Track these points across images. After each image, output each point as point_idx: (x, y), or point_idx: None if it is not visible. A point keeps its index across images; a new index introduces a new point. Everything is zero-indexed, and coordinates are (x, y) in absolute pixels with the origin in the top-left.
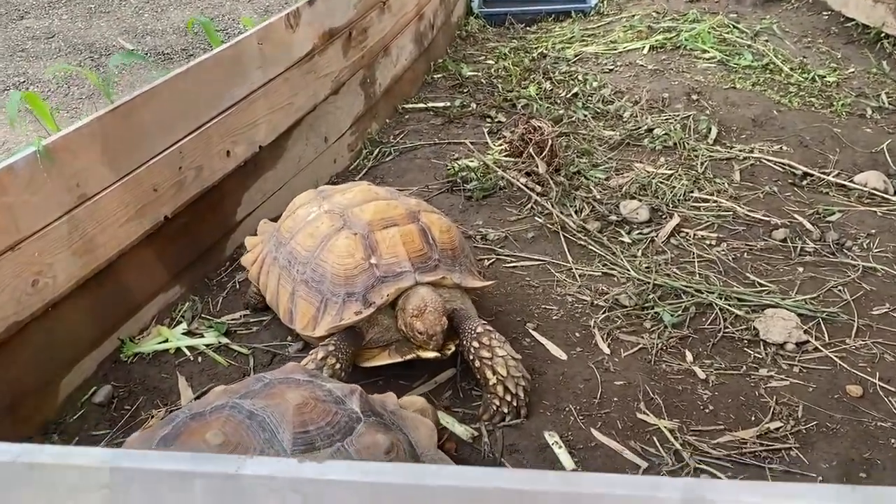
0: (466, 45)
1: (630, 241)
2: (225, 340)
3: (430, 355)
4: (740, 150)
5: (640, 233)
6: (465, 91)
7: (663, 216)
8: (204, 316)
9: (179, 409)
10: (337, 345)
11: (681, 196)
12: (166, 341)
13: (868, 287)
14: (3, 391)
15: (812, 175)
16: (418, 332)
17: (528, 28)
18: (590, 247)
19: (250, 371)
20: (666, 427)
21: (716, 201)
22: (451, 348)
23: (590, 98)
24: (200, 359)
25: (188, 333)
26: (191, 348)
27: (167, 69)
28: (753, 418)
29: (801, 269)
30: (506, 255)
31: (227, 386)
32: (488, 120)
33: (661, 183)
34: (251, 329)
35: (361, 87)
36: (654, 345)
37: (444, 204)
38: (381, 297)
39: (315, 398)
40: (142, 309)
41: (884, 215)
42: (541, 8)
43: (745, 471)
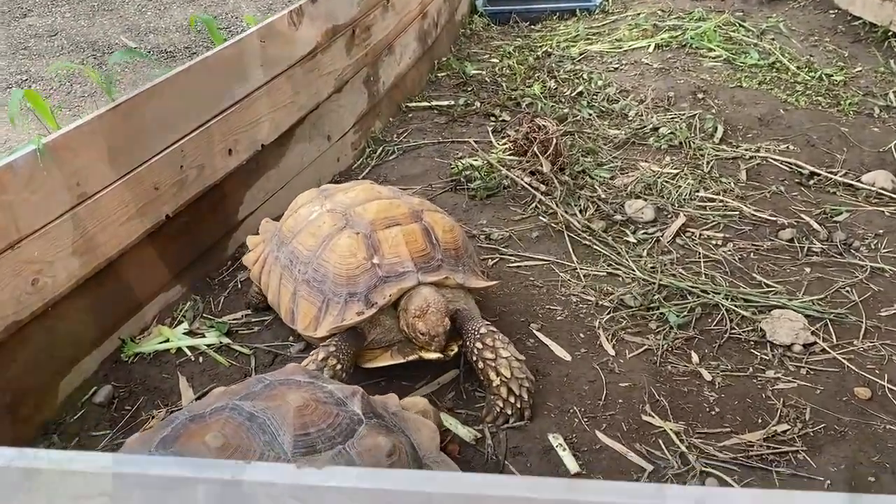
0: (470, 44)
1: (635, 240)
2: (226, 340)
3: (432, 356)
4: (746, 150)
5: (645, 232)
6: (469, 89)
7: (669, 216)
8: (205, 316)
9: (179, 411)
10: (338, 345)
11: (686, 195)
12: (167, 341)
13: (876, 288)
14: (3, 391)
15: (819, 174)
16: (420, 333)
17: (532, 26)
18: (594, 246)
19: (252, 371)
20: (672, 429)
21: (722, 201)
22: (454, 349)
23: (595, 97)
24: (201, 359)
25: (189, 333)
26: (192, 348)
27: (169, 67)
28: (760, 421)
29: (808, 270)
30: (510, 255)
31: (227, 387)
32: (492, 118)
33: (666, 182)
34: (253, 329)
35: (365, 86)
36: (659, 346)
37: (448, 203)
38: (383, 298)
39: (316, 400)
40: (143, 308)
41: (892, 215)
42: (545, 6)
43: (751, 474)
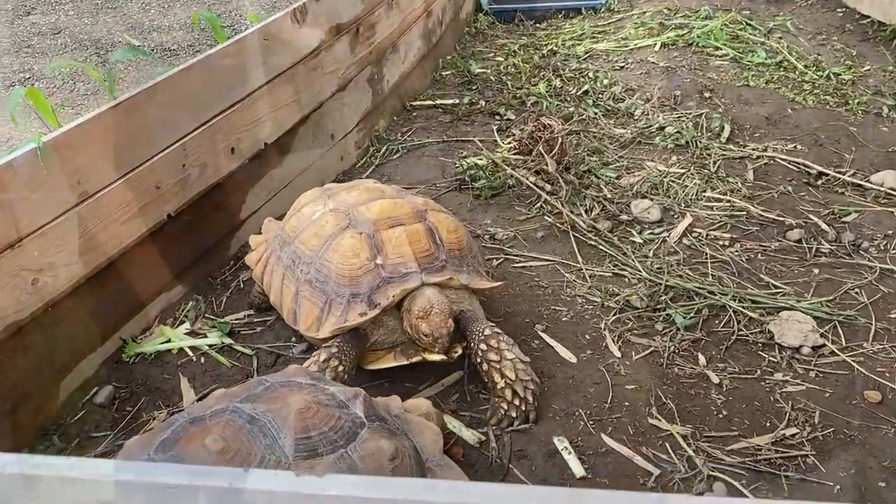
0: (475, 42)
1: (641, 241)
2: (228, 341)
3: (436, 358)
4: (754, 149)
5: (651, 233)
6: (474, 88)
7: (675, 216)
8: (207, 316)
9: (179, 413)
10: (340, 346)
11: (693, 195)
12: (169, 341)
13: (886, 289)
14: (3, 392)
15: (827, 174)
16: (424, 335)
17: (537, 25)
18: (600, 247)
19: (253, 372)
20: (678, 433)
21: (729, 201)
22: (458, 351)
23: (600, 96)
24: (203, 359)
25: (191, 333)
26: (194, 349)
27: (172, 65)
28: (768, 424)
29: (816, 271)
30: (514, 255)
31: (227, 389)
32: (497, 117)
33: (672, 182)
34: (255, 329)
35: (369, 84)
36: (666, 348)
37: (452, 202)
38: (386, 299)
39: (317, 402)
40: (144, 308)
41: None
42: (551, 4)
43: (759, 478)
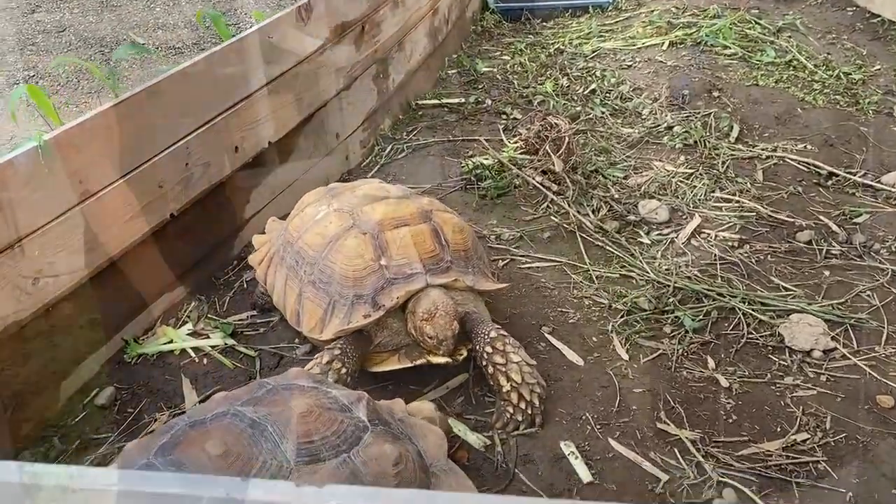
0: (481, 41)
1: (649, 242)
2: (231, 342)
3: (440, 360)
4: (763, 149)
5: (659, 233)
6: (480, 87)
7: (683, 216)
8: (210, 316)
9: (179, 417)
10: (343, 349)
11: (702, 196)
12: (171, 342)
13: None
14: (3, 393)
15: (838, 175)
16: (428, 337)
17: (544, 23)
18: (607, 248)
19: (256, 374)
20: (687, 437)
21: (738, 201)
22: (464, 353)
23: (608, 95)
24: (206, 360)
25: (194, 334)
26: (196, 350)
27: (176, 63)
28: (779, 429)
29: (827, 273)
30: (520, 256)
31: (228, 392)
32: (503, 117)
33: (681, 182)
34: (258, 330)
35: (374, 83)
36: (674, 351)
37: (458, 203)
38: (390, 300)
39: (320, 406)
40: (146, 309)
41: None
42: (557, 3)
43: (770, 485)
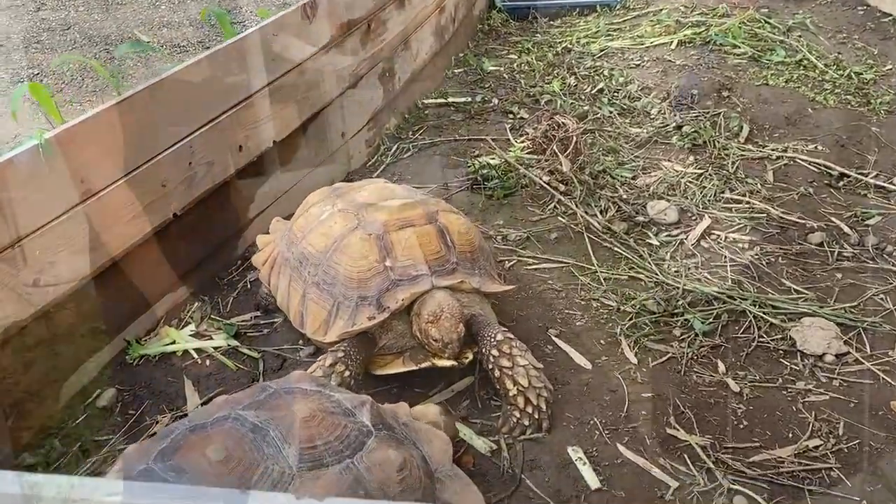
0: (488, 40)
1: (658, 243)
2: (234, 343)
3: (446, 364)
4: (773, 150)
5: (668, 235)
6: (487, 86)
7: (693, 217)
8: (213, 317)
9: (179, 421)
10: (347, 351)
11: (711, 197)
12: (174, 343)
13: None
14: (3, 394)
15: (849, 176)
16: (433, 340)
17: (551, 22)
18: (615, 249)
19: (259, 376)
20: (697, 443)
21: (748, 202)
22: (469, 356)
23: (616, 94)
24: (209, 362)
25: (196, 335)
26: (199, 351)
27: (181, 61)
28: (791, 435)
29: (839, 276)
30: (527, 257)
31: (229, 395)
32: (510, 116)
33: (690, 182)
34: (262, 331)
35: (380, 82)
36: (683, 354)
37: (464, 203)
38: (395, 302)
39: (323, 410)
40: (149, 309)
41: None
42: (565, 1)
43: (782, 492)
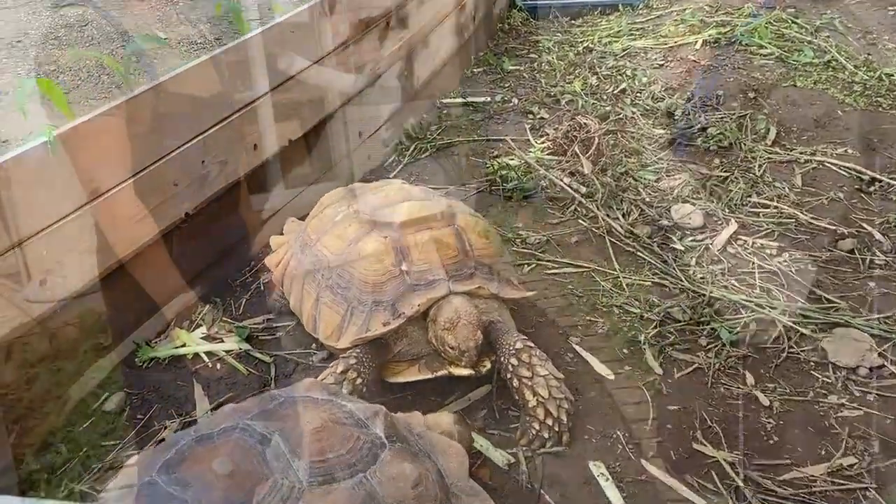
0: (508, 39)
1: (683, 248)
2: (246, 346)
3: (462, 372)
4: (801, 153)
5: (693, 239)
6: (507, 86)
7: (719, 222)
8: (225, 319)
9: (184, 430)
10: (360, 358)
11: (738, 201)
12: (184, 346)
13: None
14: (9, 397)
15: (881, 181)
16: (450, 347)
17: (572, 21)
18: (639, 253)
19: (271, 380)
20: (726, 460)
21: (776, 207)
22: (487, 365)
23: (639, 94)
24: (219, 365)
25: (207, 338)
26: (209, 354)
27: (196, 57)
28: (824, 452)
29: (871, 284)
30: (547, 261)
31: (237, 404)
32: (530, 116)
33: (715, 186)
34: (274, 335)
35: (398, 80)
36: (710, 365)
37: (483, 205)
38: (411, 308)
39: (334, 421)
40: (159, 311)
41: None
42: (587, 0)
43: None
